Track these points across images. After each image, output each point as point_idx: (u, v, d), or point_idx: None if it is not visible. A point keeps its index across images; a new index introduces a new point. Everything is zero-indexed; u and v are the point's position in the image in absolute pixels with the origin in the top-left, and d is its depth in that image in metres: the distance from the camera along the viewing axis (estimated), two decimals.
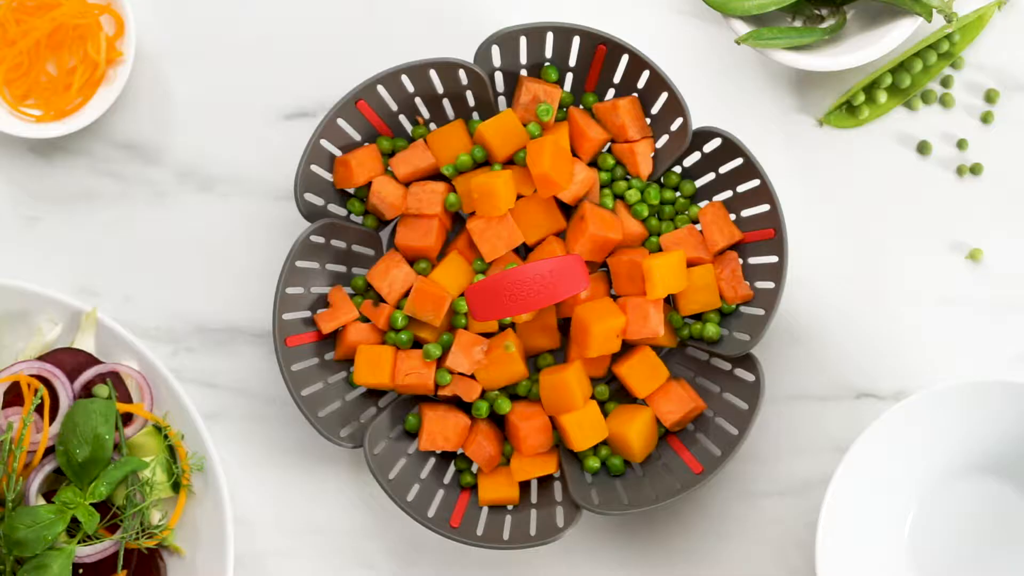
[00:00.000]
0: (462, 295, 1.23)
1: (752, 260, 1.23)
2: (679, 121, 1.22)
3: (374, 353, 1.22)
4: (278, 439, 1.29)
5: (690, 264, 1.23)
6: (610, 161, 1.24)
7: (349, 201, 1.25)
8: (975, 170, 1.29)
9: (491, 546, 1.19)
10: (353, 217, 1.26)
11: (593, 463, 1.22)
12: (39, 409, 1.22)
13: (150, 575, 1.24)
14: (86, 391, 1.23)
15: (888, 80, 1.28)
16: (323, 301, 1.24)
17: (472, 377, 1.22)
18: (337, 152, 1.24)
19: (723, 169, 1.23)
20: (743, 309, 1.23)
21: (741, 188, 1.23)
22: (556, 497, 1.23)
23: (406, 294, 1.23)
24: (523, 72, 1.25)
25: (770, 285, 1.21)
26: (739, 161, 1.22)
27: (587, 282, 1.17)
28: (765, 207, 1.21)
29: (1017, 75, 1.30)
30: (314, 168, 1.23)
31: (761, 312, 1.21)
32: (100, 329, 1.25)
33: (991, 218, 1.30)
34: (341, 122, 1.23)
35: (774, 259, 1.21)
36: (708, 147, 1.23)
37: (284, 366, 1.20)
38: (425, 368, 1.22)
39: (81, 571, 1.23)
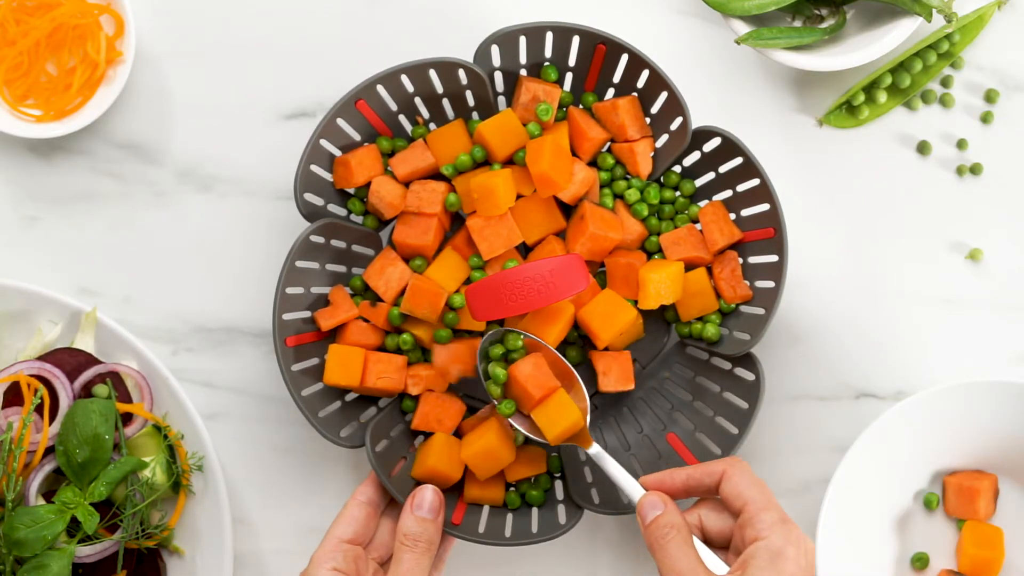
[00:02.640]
0: (458, 291, 1.23)
1: (752, 259, 1.23)
2: (679, 120, 1.22)
3: (345, 353, 1.21)
4: (278, 439, 1.29)
5: (689, 264, 1.23)
6: (610, 161, 1.24)
7: (349, 201, 1.25)
8: (975, 170, 1.29)
9: (492, 542, 1.19)
10: (353, 217, 1.26)
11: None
12: (39, 409, 1.22)
13: (150, 575, 1.24)
14: (86, 391, 1.23)
15: (888, 80, 1.28)
16: (323, 301, 1.24)
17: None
18: (337, 152, 1.24)
19: (723, 168, 1.23)
20: (743, 308, 1.23)
21: (741, 187, 1.23)
22: (557, 496, 1.23)
23: (403, 292, 1.23)
24: (523, 72, 1.25)
25: (770, 284, 1.21)
26: (739, 160, 1.22)
27: (587, 281, 1.17)
28: (765, 206, 1.21)
29: (1017, 75, 1.30)
30: (314, 168, 1.23)
31: (761, 311, 1.21)
32: (100, 329, 1.25)
33: (991, 218, 1.30)
34: (341, 122, 1.23)
35: (774, 258, 1.21)
36: (708, 146, 1.23)
37: (284, 366, 1.20)
38: (396, 373, 1.22)
39: (81, 571, 1.23)
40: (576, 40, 1.22)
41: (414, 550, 1.14)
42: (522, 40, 1.22)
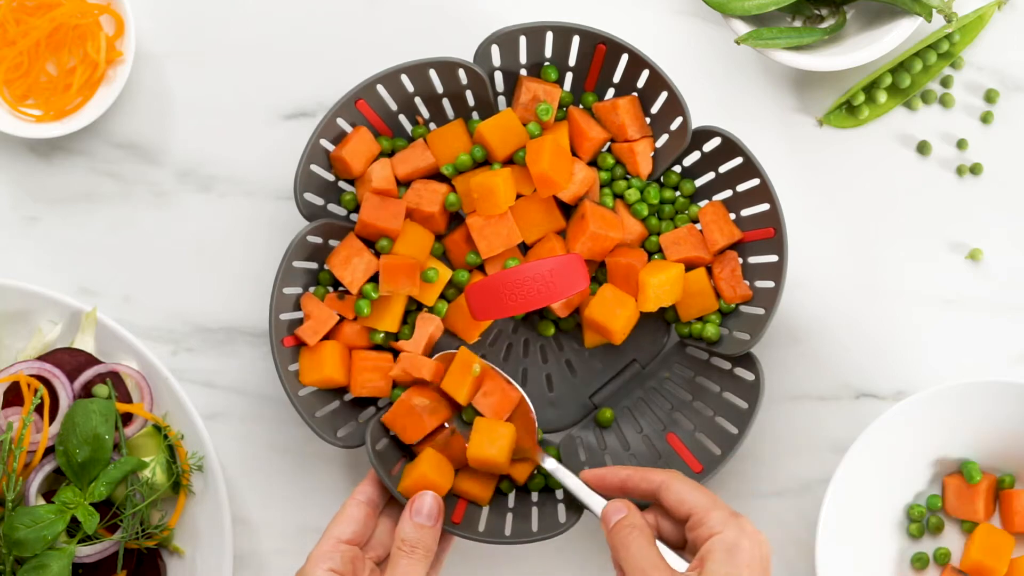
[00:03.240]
0: (457, 291, 1.23)
1: (752, 259, 1.23)
2: (679, 120, 1.22)
3: (316, 360, 1.21)
4: (278, 439, 1.29)
5: (689, 264, 1.23)
6: (610, 160, 1.24)
7: (342, 196, 1.25)
8: (975, 170, 1.29)
9: (492, 541, 1.19)
10: (352, 217, 1.26)
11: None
12: (39, 409, 1.22)
13: (150, 575, 1.24)
14: (86, 391, 1.23)
15: (888, 80, 1.28)
16: None
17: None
18: None
19: (723, 168, 1.23)
20: (743, 308, 1.23)
21: (741, 187, 1.23)
22: (557, 496, 1.23)
23: (369, 280, 1.22)
24: (523, 72, 1.25)
25: (770, 284, 1.21)
26: (739, 160, 1.22)
27: (587, 281, 1.17)
28: (765, 206, 1.21)
29: (1017, 75, 1.30)
30: (314, 168, 1.23)
31: (761, 311, 1.21)
32: (100, 329, 1.25)
33: (991, 218, 1.30)
34: (341, 122, 1.23)
35: (774, 258, 1.21)
36: (708, 146, 1.23)
37: (280, 366, 1.20)
38: (383, 379, 1.21)
39: (81, 571, 1.23)
40: (576, 40, 1.22)
41: (411, 556, 1.14)
42: (522, 40, 1.22)
